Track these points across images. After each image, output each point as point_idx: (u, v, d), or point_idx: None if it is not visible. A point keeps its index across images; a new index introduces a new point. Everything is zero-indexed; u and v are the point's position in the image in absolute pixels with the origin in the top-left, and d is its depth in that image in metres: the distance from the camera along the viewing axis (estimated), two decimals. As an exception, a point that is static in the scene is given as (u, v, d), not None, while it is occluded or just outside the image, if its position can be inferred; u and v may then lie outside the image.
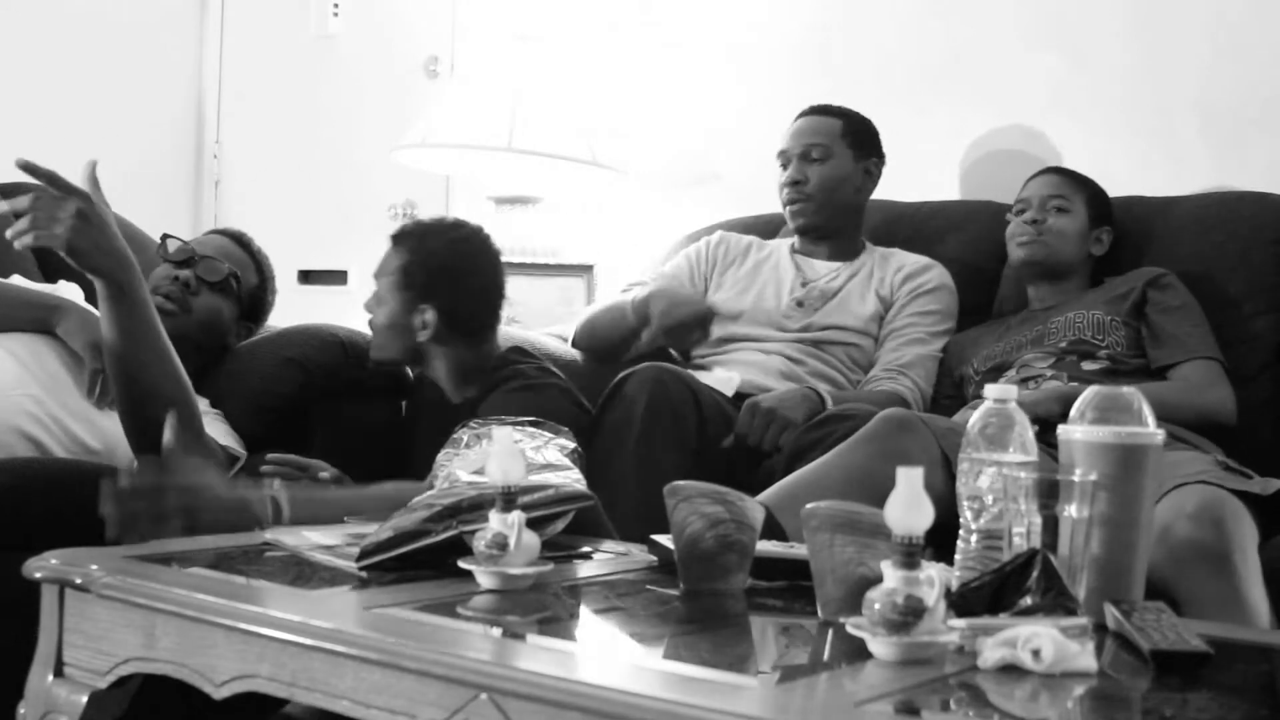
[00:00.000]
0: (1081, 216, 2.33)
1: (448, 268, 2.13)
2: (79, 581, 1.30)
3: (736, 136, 3.12)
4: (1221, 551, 1.61)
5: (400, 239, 2.15)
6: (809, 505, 1.25)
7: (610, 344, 2.47)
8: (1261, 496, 1.77)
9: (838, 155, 2.51)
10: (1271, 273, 2.24)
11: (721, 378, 2.27)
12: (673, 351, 2.51)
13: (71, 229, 1.66)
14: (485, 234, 2.21)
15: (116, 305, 1.72)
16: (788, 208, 2.54)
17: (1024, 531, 1.18)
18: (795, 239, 2.60)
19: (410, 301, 2.11)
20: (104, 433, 1.91)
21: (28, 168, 1.66)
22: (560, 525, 1.47)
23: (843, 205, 2.53)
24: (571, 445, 1.72)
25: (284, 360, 2.20)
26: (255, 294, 2.26)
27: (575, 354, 2.54)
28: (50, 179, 1.67)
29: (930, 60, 2.87)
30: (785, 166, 2.54)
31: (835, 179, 2.51)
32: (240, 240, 2.27)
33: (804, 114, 2.58)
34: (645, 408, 2.01)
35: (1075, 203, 2.33)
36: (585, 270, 3.18)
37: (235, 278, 2.20)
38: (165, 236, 2.19)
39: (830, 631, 1.19)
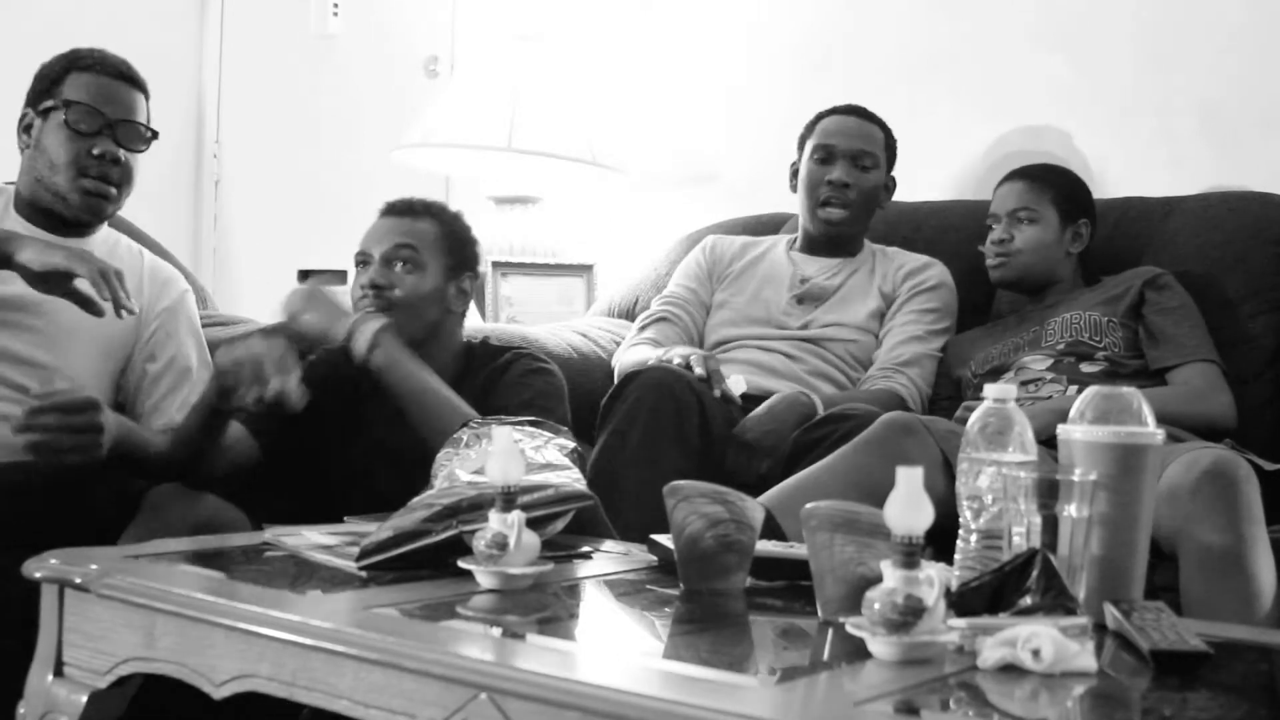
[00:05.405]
0: (1051, 222, 2.30)
1: (475, 239, 2.10)
2: (79, 581, 1.30)
3: (736, 136, 3.12)
4: (1232, 509, 1.61)
5: (424, 209, 2.06)
6: (808, 505, 1.25)
7: None
8: (1270, 475, 1.77)
9: (879, 167, 2.49)
10: (1271, 273, 2.24)
11: (728, 383, 2.26)
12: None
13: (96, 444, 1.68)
14: None
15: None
16: (824, 208, 2.47)
17: (1024, 531, 1.18)
18: (794, 237, 2.58)
19: (451, 270, 2.02)
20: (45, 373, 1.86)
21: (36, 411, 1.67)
22: (560, 525, 1.47)
23: (868, 216, 2.52)
24: (571, 445, 1.72)
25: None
26: None
27: (568, 350, 2.53)
28: (55, 408, 1.67)
29: (930, 60, 2.87)
30: (825, 161, 2.47)
31: (875, 190, 2.50)
32: None
33: (847, 112, 2.52)
34: (649, 408, 2.02)
35: (1042, 208, 2.30)
36: (585, 270, 3.18)
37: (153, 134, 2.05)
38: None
39: (830, 631, 1.19)
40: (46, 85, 1.97)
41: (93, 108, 1.94)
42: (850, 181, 2.46)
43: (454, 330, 2.05)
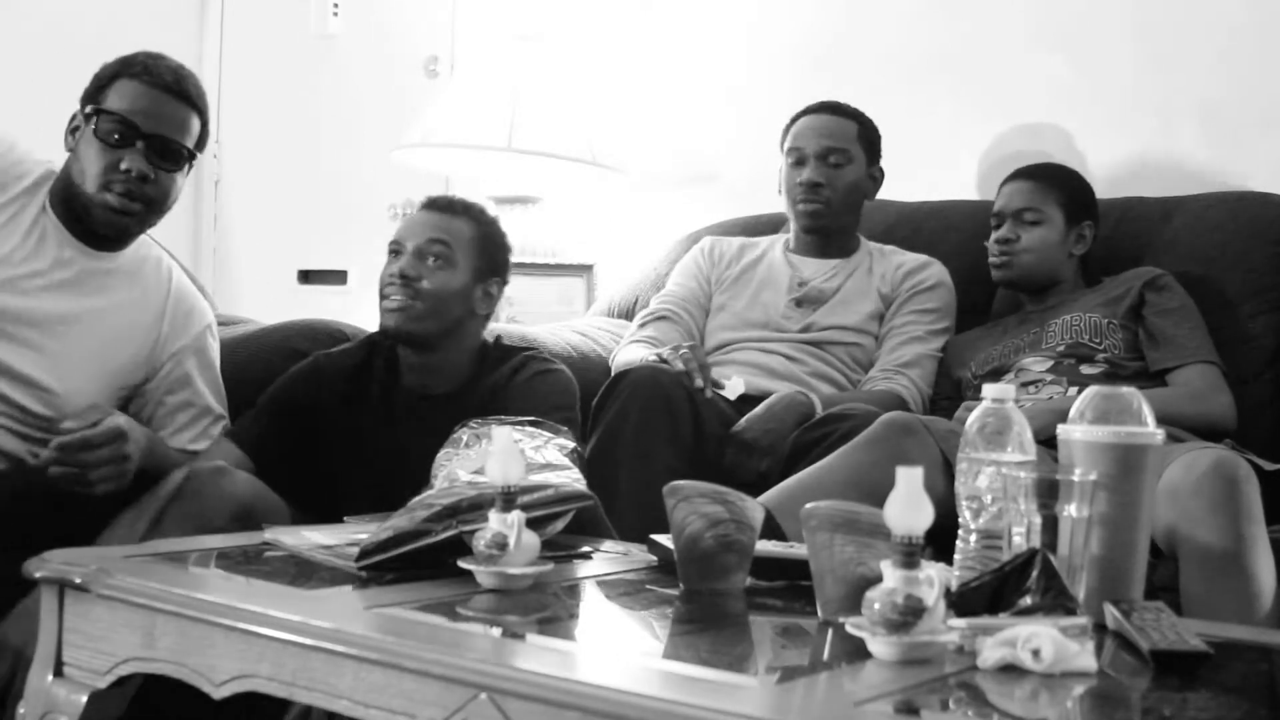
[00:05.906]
0: (1056, 223, 2.29)
1: (509, 246, 2.10)
2: (79, 581, 1.30)
3: (736, 136, 3.12)
4: (1231, 509, 1.61)
5: (463, 209, 2.05)
6: (808, 505, 1.25)
7: None
8: (1270, 475, 1.77)
9: (855, 160, 2.47)
10: (1271, 273, 2.24)
11: (726, 385, 2.26)
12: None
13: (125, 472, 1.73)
14: None
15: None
16: (801, 205, 2.47)
17: (1023, 531, 1.18)
18: (789, 238, 2.58)
19: (480, 272, 2.01)
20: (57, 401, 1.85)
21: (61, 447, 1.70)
22: (560, 525, 1.47)
23: (853, 210, 2.51)
24: (571, 445, 1.72)
25: (290, 354, 2.19)
26: None
27: (567, 349, 2.53)
28: (84, 444, 1.70)
29: (930, 60, 2.87)
30: (799, 164, 2.47)
31: (853, 184, 2.48)
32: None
33: (818, 110, 2.51)
34: (641, 406, 2.02)
35: (1048, 209, 2.29)
36: (585, 270, 3.18)
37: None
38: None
39: (830, 631, 1.19)
40: (94, 89, 1.90)
41: (126, 119, 1.85)
42: (822, 181, 2.45)
43: (475, 332, 2.05)
